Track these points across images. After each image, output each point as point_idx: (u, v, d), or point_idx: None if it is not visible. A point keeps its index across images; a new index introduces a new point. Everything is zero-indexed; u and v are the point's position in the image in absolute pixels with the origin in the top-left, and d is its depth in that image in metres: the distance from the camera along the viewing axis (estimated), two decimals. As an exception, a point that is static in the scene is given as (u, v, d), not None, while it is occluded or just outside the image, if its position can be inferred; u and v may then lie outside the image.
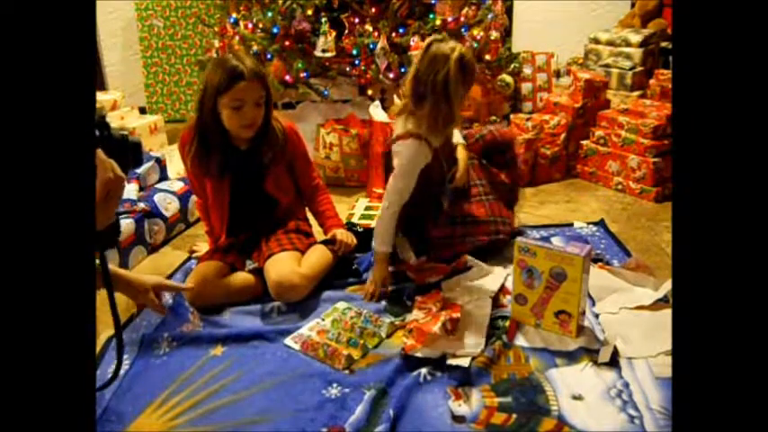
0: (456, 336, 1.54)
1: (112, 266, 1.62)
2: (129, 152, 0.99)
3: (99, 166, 0.84)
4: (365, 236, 2.04)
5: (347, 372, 1.48)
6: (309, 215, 2.07)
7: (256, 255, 1.93)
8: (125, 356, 1.57)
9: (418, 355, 1.48)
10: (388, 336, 1.62)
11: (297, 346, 1.59)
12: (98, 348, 1.61)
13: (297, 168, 1.97)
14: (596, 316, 1.67)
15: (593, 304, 1.70)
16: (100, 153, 0.84)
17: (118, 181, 0.89)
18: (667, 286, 1.76)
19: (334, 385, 1.44)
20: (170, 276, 1.98)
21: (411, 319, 1.63)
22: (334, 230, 1.96)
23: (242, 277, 1.87)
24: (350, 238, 1.96)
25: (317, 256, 1.90)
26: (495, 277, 1.84)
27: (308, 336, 1.62)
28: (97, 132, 0.88)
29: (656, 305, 1.70)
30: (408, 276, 1.89)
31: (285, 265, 1.79)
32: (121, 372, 1.51)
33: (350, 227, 2.12)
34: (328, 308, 1.77)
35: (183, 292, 1.77)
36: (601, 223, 2.31)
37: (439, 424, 1.31)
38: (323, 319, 1.68)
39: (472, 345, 1.52)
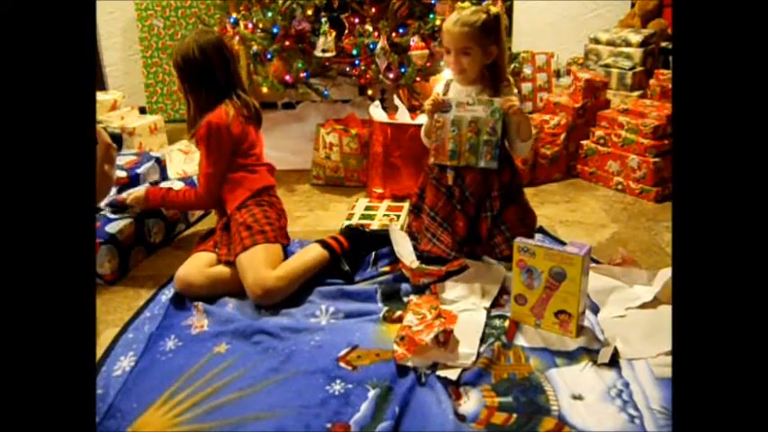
0: (448, 347, 1.53)
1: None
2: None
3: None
4: (370, 237, 2.04)
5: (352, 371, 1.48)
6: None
7: (224, 249, 1.92)
8: (131, 353, 1.58)
9: (409, 364, 1.47)
10: (384, 318, 1.68)
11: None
12: (98, 348, 1.61)
13: None
14: (595, 313, 1.68)
15: (597, 311, 1.69)
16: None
17: (110, 147, 0.97)
18: (661, 277, 1.76)
19: (338, 381, 1.44)
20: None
21: (405, 324, 1.61)
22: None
23: (222, 271, 1.86)
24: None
25: (301, 257, 1.88)
26: (493, 278, 1.83)
27: None
28: None
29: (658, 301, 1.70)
30: (404, 275, 1.88)
31: (256, 271, 1.78)
32: (127, 369, 1.53)
33: (354, 229, 2.08)
34: (322, 300, 1.78)
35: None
36: (540, 230, 2.24)
37: (443, 421, 1.30)
38: None
39: (464, 356, 1.51)
